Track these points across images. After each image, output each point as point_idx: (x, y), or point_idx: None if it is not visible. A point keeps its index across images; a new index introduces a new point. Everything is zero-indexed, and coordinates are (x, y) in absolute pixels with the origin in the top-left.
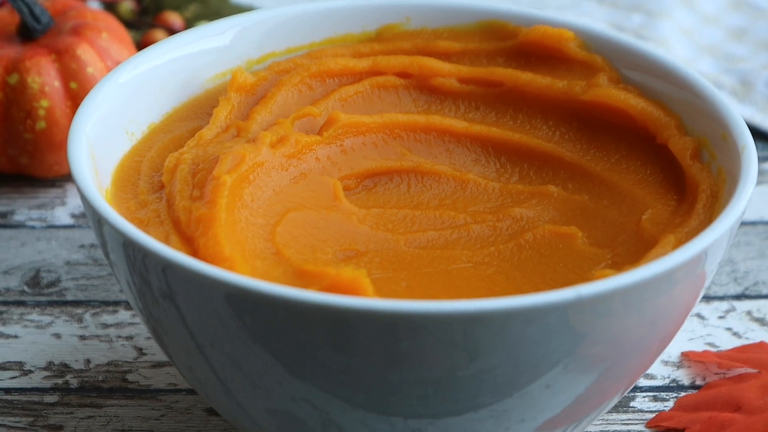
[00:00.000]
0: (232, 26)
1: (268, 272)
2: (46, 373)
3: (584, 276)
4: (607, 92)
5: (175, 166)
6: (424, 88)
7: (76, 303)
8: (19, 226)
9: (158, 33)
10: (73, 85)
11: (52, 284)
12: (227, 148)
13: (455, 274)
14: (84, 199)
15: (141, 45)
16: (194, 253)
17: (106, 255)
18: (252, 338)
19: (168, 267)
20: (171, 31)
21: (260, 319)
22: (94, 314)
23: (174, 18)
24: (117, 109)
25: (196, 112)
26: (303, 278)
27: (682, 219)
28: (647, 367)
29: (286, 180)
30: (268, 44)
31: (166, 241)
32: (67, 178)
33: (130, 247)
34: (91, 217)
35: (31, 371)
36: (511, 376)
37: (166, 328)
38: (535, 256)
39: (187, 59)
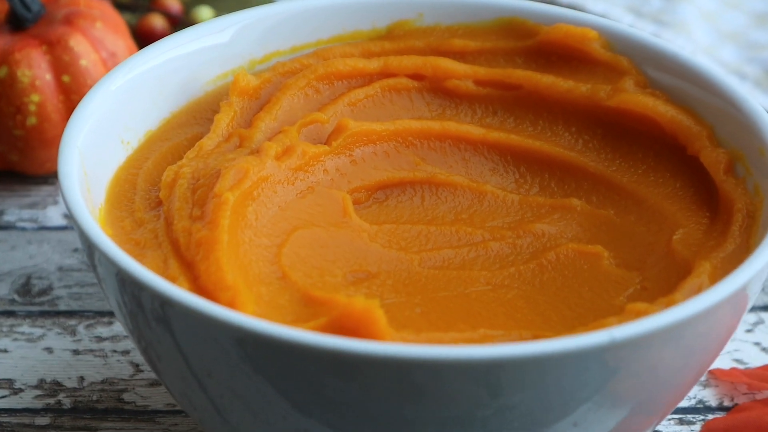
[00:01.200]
0: (233, 23)
1: (274, 299)
2: (38, 392)
3: (612, 303)
4: (633, 98)
5: (174, 180)
6: (438, 91)
7: (69, 313)
8: (9, 227)
9: (155, 17)
10: (66, 78)
11: (43, 292)
12: (229, 160)
13: (473, 297)
14: (75, 223)
15: (137, 30)
16: (194, 279)
17: (93, 267)
18: (254, 371)
19: (167, 303)
20: (168, 16)
21: (266, 359)
22: (87, 326)
23: (172, 2)
24: (111, 117)
25: (196, 117)
26: (311, 306)
27: (717, 241)
28: (681, 399)
29: (292, 195)
30: (272, 42)
31: (164, 265)
32: None
33: (125, 280)
34: (83, 242)
35: (21, 389)
36: (536, 416)
37: (158, 351)
38: (559, 278)
39: (185, 60)
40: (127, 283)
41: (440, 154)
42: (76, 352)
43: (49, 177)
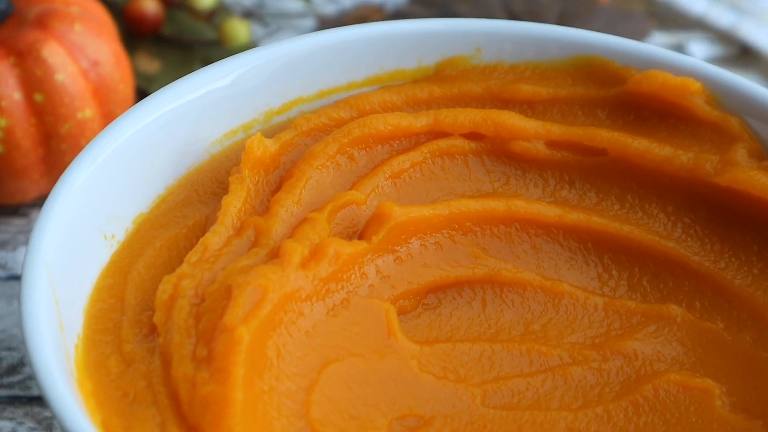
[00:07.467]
0: (243, 65)
1: None
2: None
3: None
4: (747, 176)
5: (172, 299)
6: (501, 155)
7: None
8: None
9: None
10: (38, 97)
11: (13, 369)
12: (242, 271)
13: None
14: (42, 393)
15: (126, 14)
16: None
17: None
18: None
19: None
20: None
21: None
22: None
23: None
24: (89, 208)
25: (199, 193)
26: None
27: None
28: None
29: (322, 313)
30: (292, 87)
31: None
32: (33, 204)
33: None
34: (53, 414)
35: None
36: None
37: None
38: (659, 424)
39: (182, 116)
40: None
41: (505, 243)
42: None
43: (20, 208)
